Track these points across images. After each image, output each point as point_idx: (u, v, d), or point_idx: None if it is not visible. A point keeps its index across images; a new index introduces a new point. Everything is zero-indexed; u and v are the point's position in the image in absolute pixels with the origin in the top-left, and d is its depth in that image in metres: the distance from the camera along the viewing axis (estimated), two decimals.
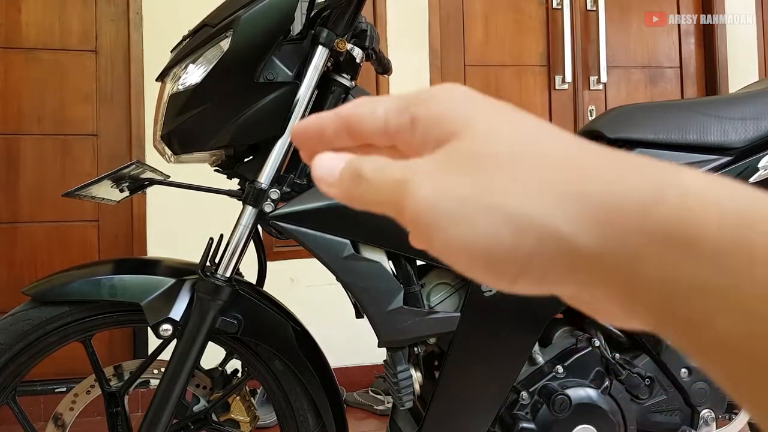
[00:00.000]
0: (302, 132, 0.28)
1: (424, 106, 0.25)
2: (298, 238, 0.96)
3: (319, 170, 0.26)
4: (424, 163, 0.23)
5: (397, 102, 0.26)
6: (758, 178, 1.00)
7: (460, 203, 0.22)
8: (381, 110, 0.26)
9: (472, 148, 0.23)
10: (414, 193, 0.23)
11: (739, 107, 1.04)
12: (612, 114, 1.10)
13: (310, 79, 0.98)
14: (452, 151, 0.23)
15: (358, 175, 0.25)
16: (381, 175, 0.24)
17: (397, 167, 0.24)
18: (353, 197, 0.25)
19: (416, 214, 0.23)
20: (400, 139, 0.26)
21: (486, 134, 0.23)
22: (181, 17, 2.18)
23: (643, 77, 2.98)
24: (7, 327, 1.00)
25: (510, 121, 0.23)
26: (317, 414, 1.09)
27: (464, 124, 0.23)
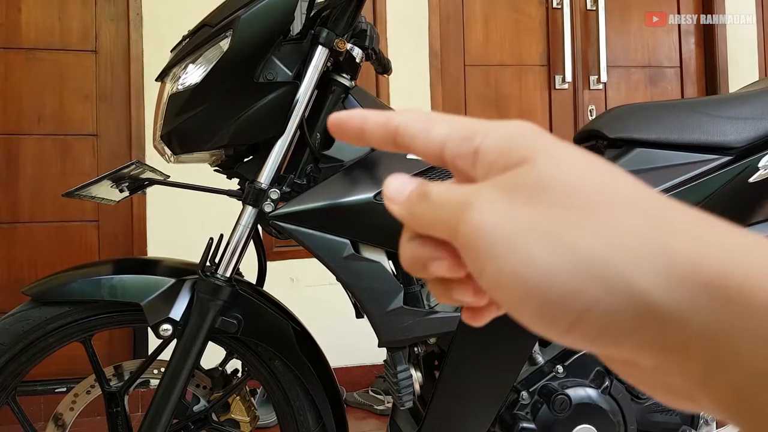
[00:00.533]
0: (340, 124, 0.27)
1: (492, 137, 0.23)
2: (298, 238, 0.96)
3: (390, 190, 0.25)
4: (488, 187, 0.22)
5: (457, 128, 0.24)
6: (758, 177, 1.00)
7: (521, 232, 0.20)
8: (439, 134, 0.25)
9: (542, 178, 0.21)
10: (471, 215, 0.21)
11: (739, 107, 1.04)
12: (612, 114, 1.10)
13: (310, 78, 0.98)
14: (519, 178, 0.21)
15: (424, 195, 0.24)
16: (444, 195, 0.23)
17: (461, 189, 0.23)
18: (415, 216, 0.24)
19: (470, 238, 0.21)
20: (456, 166, 0.24)
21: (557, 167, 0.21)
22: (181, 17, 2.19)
23: (643, 77, 2.98)
24: (7, 327, 1.00)
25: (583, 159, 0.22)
26: (317, 414, 1.09)
27: (534, 153, 0.22)
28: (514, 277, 0.20)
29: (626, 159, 1.02)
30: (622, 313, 0.19)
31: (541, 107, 2.87)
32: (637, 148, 1.03)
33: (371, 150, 1.01)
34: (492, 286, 0.21)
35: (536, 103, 2.86)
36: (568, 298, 0.19)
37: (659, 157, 1.02)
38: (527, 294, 0.20)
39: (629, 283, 0.18)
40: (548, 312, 0.20)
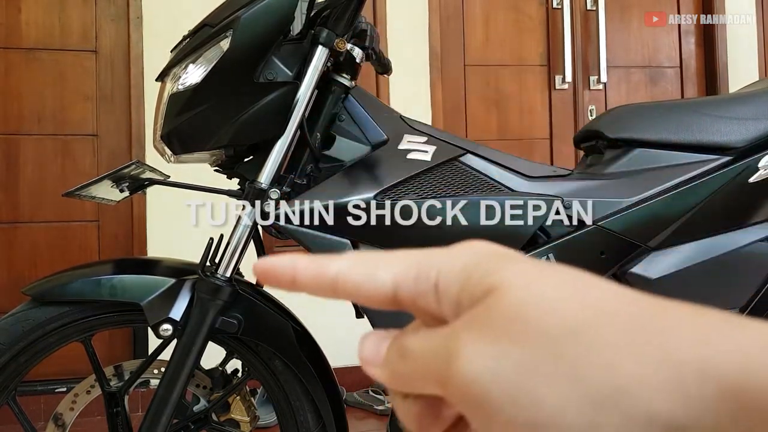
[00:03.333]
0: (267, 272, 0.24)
1: (447, 270, 0.21)
2: (297, 238, 0.96)
3: (365, 352, 0.23)
4: (465, 330, 0.20)
5: (406, 267, 0.22)
6: (758, 178, 1.00)
7: (519, 374, 0.18)
8: (386, 277, 0.22)
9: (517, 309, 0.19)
10: (460, 367, 0.19)
11: (739, 107, 1.04)
12: (612, 114, 1.10)
13: (310, 79, 0.98)
14: (492, 313, 0.19)
15: (402, 352, 0.22)
16: (424, 348, 0.21)
17: (439, 337, 0.21)
18: (399, 377, 0.22)
19: (465, 392, 0.19)
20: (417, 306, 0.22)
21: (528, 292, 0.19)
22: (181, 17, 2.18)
23: (643, 77, 2.98)
24: (7, 327, 1.00)
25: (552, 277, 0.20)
26: (317, 414, 1.09)
27: (498, 281, 0.20)
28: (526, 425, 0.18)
29: (626, 159, 1.03)
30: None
31: (541, 107, 2.87)
32: (637, 148, 1.03)
33: (372, 150, 1.01)
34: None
35: (536, 103, 2.86)
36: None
37: (659, 157, 1.02)
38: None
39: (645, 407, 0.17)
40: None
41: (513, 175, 1.00)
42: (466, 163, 1.00)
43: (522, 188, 0.99)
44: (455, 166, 0.99)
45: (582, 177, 1.03)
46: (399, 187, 0.96)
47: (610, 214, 0.97)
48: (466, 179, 0.98)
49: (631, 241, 0.97)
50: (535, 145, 2.87)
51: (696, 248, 0.98)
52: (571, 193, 0.98)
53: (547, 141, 2.88)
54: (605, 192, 0.99)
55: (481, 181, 0.99)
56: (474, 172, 0.99)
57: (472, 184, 0.98)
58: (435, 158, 0.98)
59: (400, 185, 0.96)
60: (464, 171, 0.99)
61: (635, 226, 0.97)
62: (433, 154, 0.99)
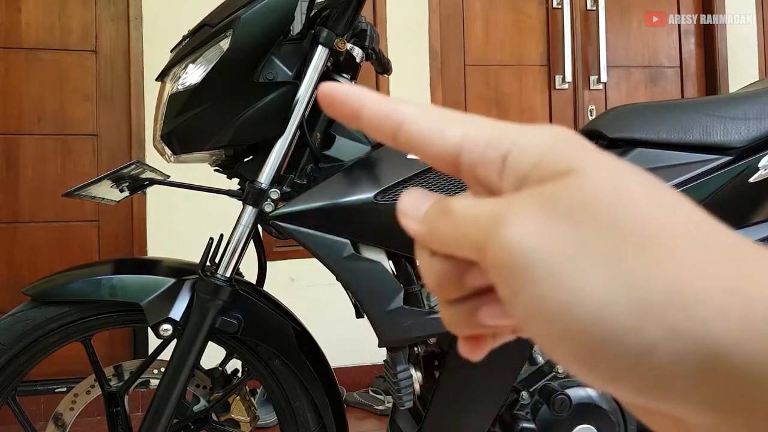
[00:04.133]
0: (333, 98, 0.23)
1: (525, 143, 0.20)
2: (298, 238, 0.96)
3: (406, 205, 0.22)
4: (525, 199, 0.18)
5: (479, 130, 0.21)
6: (758, 177, 1.00)
7: (568, 254, 0.17)
8: (455, 135, 0.21)
9: (594, 195, 0.18)
10: (505, 230, 0.18)
11: (739, 107, 1.04)
12: (612, 114, 1.10)
13: (310, 78, 0.98)
14: (565, 191, 0.18)
15: (446, 211, 0.21)
16: (470, 210, 0.20)
17: (491, 202, 0.19)
18: (435, 233, 0.21)
19: (503, 256, 0.18)
20: (476, 174, 0.21)
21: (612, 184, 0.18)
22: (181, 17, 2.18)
23: (643, 77, 2.98)
24: (7, 327, 1.00)
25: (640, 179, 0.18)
26: (317, 414, 1.09)
27: (581, 165, 0.19)
28: (557, 307, 0.17)
29: (626, 159, 1.02)
30: (686, 363, 0.16)
31: (541, 107, 2.87)
32: (637, 148, 1.03)
33: (372, 149, 1.01)
34: (527, 315, 0.17)
35: (536, 103, 2.86)
36: (624, 337, 0.16)
37: (659, 157, 1.02)
38: (571, 329, 0.16)
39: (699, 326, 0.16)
40: (595, 352, 0.16)
41: None
42: None
43: None
44: None
45: None
46: (399, 186, 0.96)
47: None
48: None
49: None
50: None
51: None
52: None
53: None
54: None
55: None
56: None
57: None
58: None
59: (400, 185, 0.96)
60: None
61: None
62: None
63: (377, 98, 0.23)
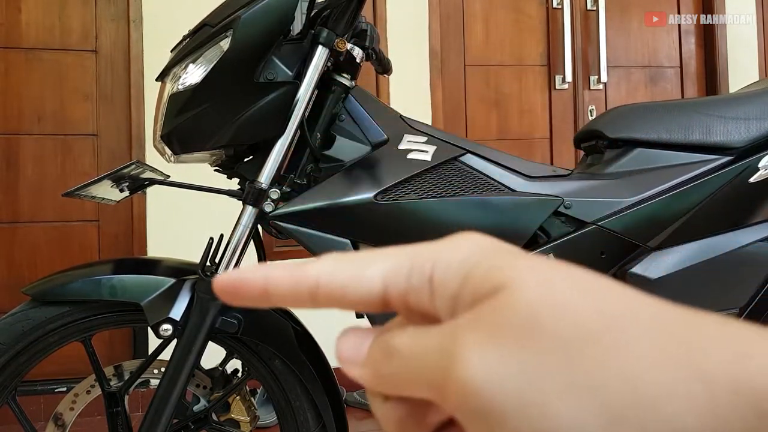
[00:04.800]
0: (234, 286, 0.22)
1: (445, 263, 0.20)
2: (298, 238, 0.96)
3: (345, 351, 0.21)
4: (467, 330, 0.18)
5: (398, 261, 0.20)
6: (758, 178, 1.00)
7: (528, 383, 0.16)
8: (375, 274, 0.20)
9: (530, 310, 0.17)
10: (462, 371, 0.17)
11: (739, 107, 1.04)
12: (612, 114, 1.10)
13: (310, 78, 0.98)
14: (501, 313, 0.17)
15: (389, 351, 0.20)
16: (416, 348, 0.19)
17: (433, 336, 0.19)
18: (385, 378, 0.20)
19: (468, 400, 0.17)
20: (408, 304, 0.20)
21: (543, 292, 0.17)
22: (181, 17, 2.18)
23: (643, 77, 2.98)
24: (7, 327, 1.00)
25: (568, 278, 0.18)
26: (317, 414, 1.09)
27: (508, 278, 0.18)
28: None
29: (626, 159, 1.03)
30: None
31: (541, 107, 2.87)
32: (637, 148, 1.03)
33: (372, 149, 1.01)
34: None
35: (536, 103, 2.86)
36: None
37: (659, 157, 1.02)
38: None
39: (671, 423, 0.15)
40: None
41: (513, 175, 1.00)
42: (466, 163, 1.00)
43: (522, 188, 0.99)
44: (455, 166, 0.99)
45: (582, 177, 1.03)
46: (399, 187, 0.96)
47: (610, 214, 0.97)
48: (467, 179, 0.99)
49: (631, 241, 0.97)
50: (535, 145, 2.87)
51: (696, 248, 0.98)
52: (571, 193, 0.98)
53: (547, 141, 2.88)
54: (605, 192, 0.99)
55: (481, 180, 0.99)
56: (474, 172, 0.99)
57: (472, 183, 0.98)
58: (435, 158, 0.98)
59: (400, 185, 0.96)
60: (464, 171, 0.99)
61: (635, 226, 0.97)
62: (433, 153, 0.99)
63: (282, 269, 0.22)
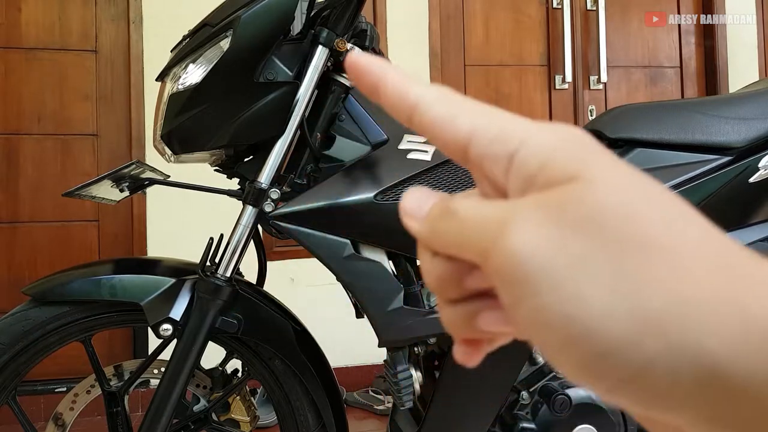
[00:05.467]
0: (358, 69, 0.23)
1: (533, 143, 0.20)
2: (298, 238, 0.96)
3: (408, 204, 0.22)
4: (530, 206, 0.18)
5: (490, 123, 0.21)
6: (758, 177, 1.00)
7: (572, 264, 0.17)
8: (466, 125, 0.21)
9: (599, 204, 0.17)
10: (510, 238, 0.18)
11: (739, 107, 1.04)
12: (612, 114, 1.10)
13: (310, 78, 0.98)
14: (570, 199, 0.18)
15: (449, 212, 0.21)
16: (475, 212, 0.20)
17: (495, 206, 0.19)
18: (438, 234, 0.21)
19: (507, 265, 0.18)
20: (482, 167, 0.21)
21: (618, 193, 0.18)
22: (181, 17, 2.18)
23: (643, 77, 2.98)
24: (7, 327, 1.00)
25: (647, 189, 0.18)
26: (317, 414, 1.09)
27: (588, 171, 0.18)
28: (559, 317, 0.17)
29: (626, 159, 1.02)
30: (684, 377, 0.16)
31: (541, 107, 2.87)
32: (638, 148, 1.03)
33: (372, 149, 1.01)
34: (529, 323, 0.18)
35: (536, 103, 2.86)
36: (623, 351, 0.16)
37: (659, 157, 1.02)
38: (573, 339, 0.17)
39: (698, 342, 0.16)
40: (595, 363, 0.17)
41: None
42: None
43: None
44: (455, 165, 0.99)
45: None
46: (399, 186, 0.96)
47: None
48: (467, 179, 0.99)
49: None
50: None
51: None
52: None
53: None
54: None
55: None
56: None
57: (472, 183, 0.98)
58: (435, 158, 0.98)
59: (401, 185, 0.96)
60: (464, 171, 0.99)
61: None
62: (433, 153, 0.99)
63: (399, 76, 0.23)
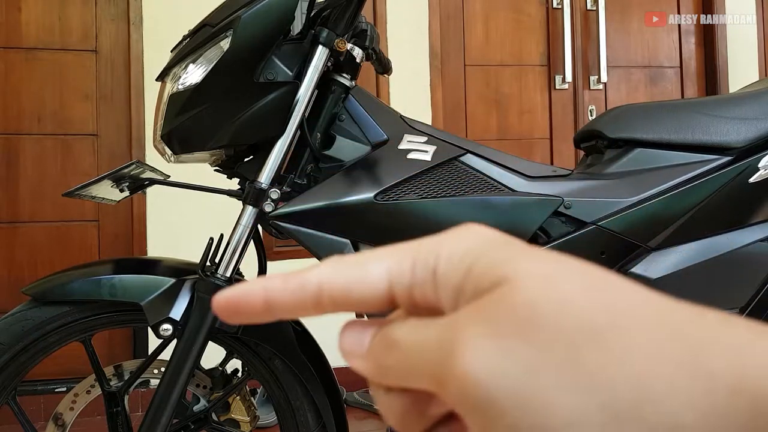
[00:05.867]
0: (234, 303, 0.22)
1: (447, 256, 0.19)
2: (298, 238, 0.96)
3: (347, 343, 0.21)
4: (468, 322, 0.18)
5: (400, 257, 0.20)
6: (758, 178, 1.00)
7: (529, 376, 0.16)
8: (379, 272, 0.20)
9: (533, 304, 0.17)
10: (462, 364, 0.17)
11: (739, 107, 1.04)
12: (612, 114, 1.10)
13: (310, 78, 0.98)
14: (503, 306, 0.17)
15: (390, 344, 0.20)
16: (416, 340, 0.19)
17: (433, 327, 0.19)
18: (386, 370, 0.20)
19: (467, 392, 0.17)
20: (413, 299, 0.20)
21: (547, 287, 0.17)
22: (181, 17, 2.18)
23: (643, 77, 2.98)
24: (7, 327, 1.00)
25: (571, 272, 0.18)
26: (317, 414, 1.09)
27: (510, 272, 0.18)
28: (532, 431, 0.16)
29: (626, 159, 1.03)
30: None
31: (541, 107, 2.87)
32: (637, 148, 1.03)
33: (372, 149, 1.01)
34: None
35: (536, 103, 2.86)
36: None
37: (659, 157, 1.02)
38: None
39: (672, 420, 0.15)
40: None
41: (513, 175, 1.00)
42: (467, 163, 1.00)
43: (522, 188, 0.99)
44: (455, 166, 0.99)
45: (582, 177, 1.03)
46: (399, 187, 0.96)
47: (610, 214, 0.97)
48: (467, 179, 0.99)
49: (631, 241, 0.97)
50: (535, 145, 2.87)
51: (696, 248, 0.98)
52: (571, 193, 0.98)
53: (547, 141, 2.88)
54: (605, 192, 0.99)
55: (482, 180, 0.99)
56: (474, 172, 0.99)
57: (472, 183, 0.98)
58: (435, 158, 0.98)
59: (400, 185, 0.96)
60: (464, 171, 0.99)
61: (635, 226, 0.97)
62: (433, 153, 0.99)
63: (281, 279, 0.22)
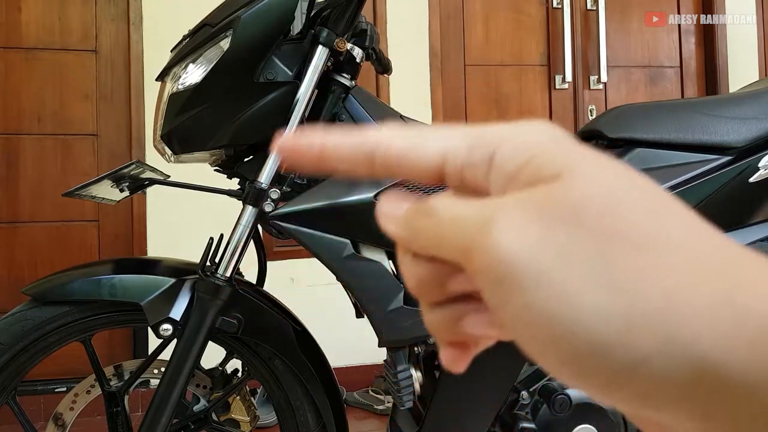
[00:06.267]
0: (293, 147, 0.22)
1: (511, 144, 0.19)
2: (298, 238, 0.96)
3: (386, 206, 0.22)
4: (513, 203, 0.18)
5: (461, 137, 0.21)
6: (758, 177, 1.00)
7: (558, 261, 0.16)
8: (436, 146, 0.21)
9: (585, 199, 0.17)
10: (493, 236, 0.17)
11: (739, 107, 1.04)
12: (612, 114, 1.10)
13: (310, 78, 0.98)
14: (554, 195, 0.17)
15: (427, 211, 0.20)
16: (454, 211, 0.19)
17: (476, 204, 0.19)
18: (416, 235, 0.20)
19: (491, 263, 0.17)
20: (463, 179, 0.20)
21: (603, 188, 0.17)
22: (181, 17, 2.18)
23: (643, 77, 2.98)
24: (7, 327, 1.00)
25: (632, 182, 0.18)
26: (317, 414, 1.09)
27: (570, 168, 0.18)
28: (546, 315, 0.16)
29: (626, 159, 1.03)
30: (677, 376, 0.15)
31: (541, 107, 2.87)
32: (637, 148, 1.03)
33: None
34: (516, 322, 0.17)
35: (536, 103, 2.86)
36: (613, 349, 0.15)
37: (659, 157, 1.02)
38: (560, 338, 0.16)
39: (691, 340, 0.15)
40: (584, 362, 0.16)
41: None
42: None
43: None
44: None
45: None
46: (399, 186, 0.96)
47: None
48: None
49: None
50: None
51: None
52: None
53: None
54: None
55: None
56: None
57: None
58: None
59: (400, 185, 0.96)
60: None
61: None
62: None
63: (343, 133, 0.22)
